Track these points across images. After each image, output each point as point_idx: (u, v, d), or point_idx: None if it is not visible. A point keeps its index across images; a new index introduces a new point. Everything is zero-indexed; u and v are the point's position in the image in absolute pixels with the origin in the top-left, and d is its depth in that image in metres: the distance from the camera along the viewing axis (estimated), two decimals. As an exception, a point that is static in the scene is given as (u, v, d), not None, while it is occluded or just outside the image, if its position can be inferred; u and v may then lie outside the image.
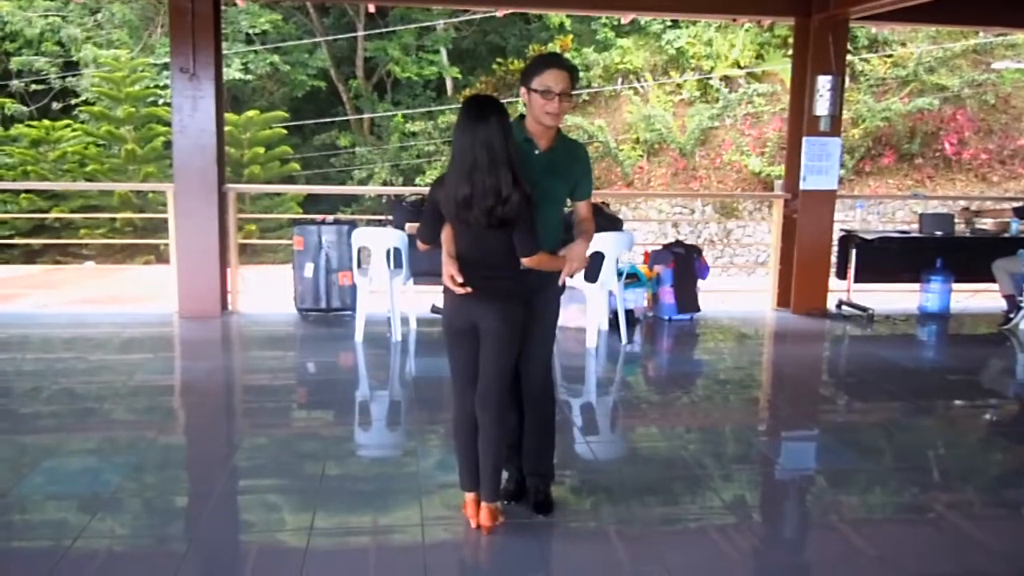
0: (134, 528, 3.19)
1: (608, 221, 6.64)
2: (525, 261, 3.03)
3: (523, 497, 3.41)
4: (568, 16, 21.33)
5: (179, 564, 2.89)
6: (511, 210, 2.89)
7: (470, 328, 3.05)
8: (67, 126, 19.59)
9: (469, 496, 3.17)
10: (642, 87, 20.65)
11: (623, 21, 20.26)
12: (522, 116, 3.27)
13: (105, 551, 2.97)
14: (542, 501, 3.37)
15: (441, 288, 3.14)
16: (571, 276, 3.24)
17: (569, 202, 3.41)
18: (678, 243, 7.58)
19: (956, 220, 8.22)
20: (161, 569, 2.86)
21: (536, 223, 3.01)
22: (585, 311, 6.47)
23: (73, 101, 21.82)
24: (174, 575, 2.81)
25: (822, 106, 7.25)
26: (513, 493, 3.40)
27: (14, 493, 3.40)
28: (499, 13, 17.16)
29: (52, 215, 17.07)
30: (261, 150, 19.58)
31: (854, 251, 7.78)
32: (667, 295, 7.24)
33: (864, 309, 7.65)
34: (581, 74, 20.80)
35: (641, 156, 19.46)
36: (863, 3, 6.86)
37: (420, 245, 3.23)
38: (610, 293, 6.60)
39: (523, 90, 3.22)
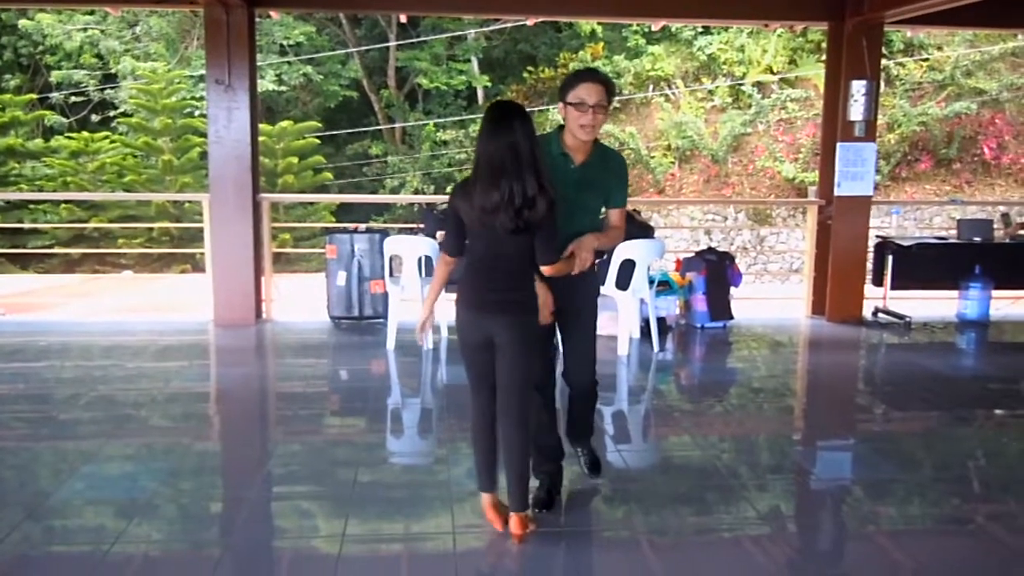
0: (170, 533, 3.22)
1: (639, 228, 6.62)
2: (544, 270, 3.06)
3: (553, 505, 3.42)
4: (599, 24, 21.32)
5: (214, 569, 2.92)
6: (537, 213, 2.89)
7: (485, 341, 3.04)
8: (105, 137, 19.95)
9: (486, 498, 3.18)
10: (673, 94, 20.57)
11: (654, 28, 20.23)
12: (561, 128, 3.30)
13: (142, 556, 3.00)
14: (595, 461, 3.72)
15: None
16: (583, 269, 3.23)
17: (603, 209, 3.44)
18: (710, 250, 7.53)
19: (995, 226, 8.08)
20: (197, 574, 2.88)
21: (558, 230, 3.03)
22: (616, 319, 6.45)
23: (111, 113, 22.23)
24: (209, 581, 2.84)
25: (856, 111, 7.18)
26: (545, 502, 3.40)
27: (54, 498, 3.46)
28: (529, 22, 17.23)
29: (91, 225, 17.36)
30: (295, 160, 19.78)
31: (891, 258, 7.68)
32: (699, 302, 7.19)
33: (901, 316, 7.54)
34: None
35: (672, 163, 19.38)
36: (898, 7, 6.78)
37: (446, 259, 3.16)
38: (641, 301, 6.56)
39: (560, 104, 3.27)
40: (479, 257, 3.02)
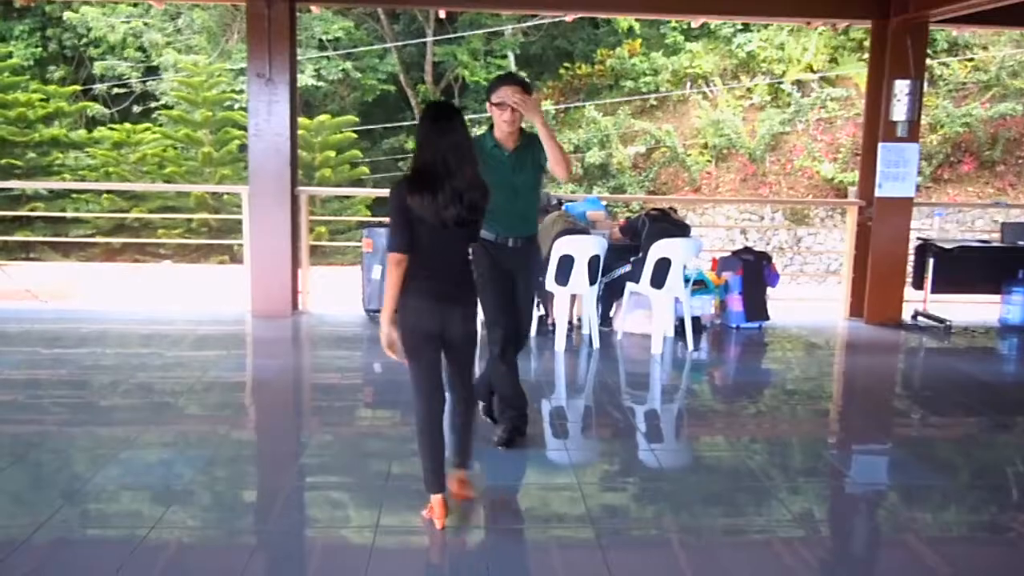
0: (205, 520, 3.27)
1: (675, 227, 6.58)
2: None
3: (514, 444, 4.06)
4: (637, 20, 21.19)
5: (249, 557, 2.96)
6: (481, 201, 3.17)
7: (439, 331, 3.21)
8: (147, 129, 20.22)
9: (436, 499, 3.23)
10: (711, 91, 20.40)
11: (694, 25, 20.07)
12: (492, 126, 3.96)
13: (177, 542, 3.05)
14: (521, 431, 4.14)
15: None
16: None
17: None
18: (747, 250, 7.47)
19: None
20: (231, 561, 2.93)
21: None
22: (651, 317, 6.42)
23: (153, 105, 22.53)
24: (243, 568, 2.88)
25: (899, 111, 7.07)
26: (506, 440, 4.05)
27: (92, 483, 3.53)
28: (568, 18, 17.18)
29: (132, 215, 17.62)
30: (332, 154, 19.91)
31: (932, 261, 7.55)
32: (735, 302, 7.13)
33: (941, 320, 7.42)
34: (649, 78, 20.70)
35: (709, 161, 19.22)
36: (944, 5, 6.66)
37: (399, 258, 3.11)
38: (676, 300, 6.52)
39: (488, 105, 3.94)
40: (431, 251, 3.15)
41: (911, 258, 7.74)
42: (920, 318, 7.62)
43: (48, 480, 3.59)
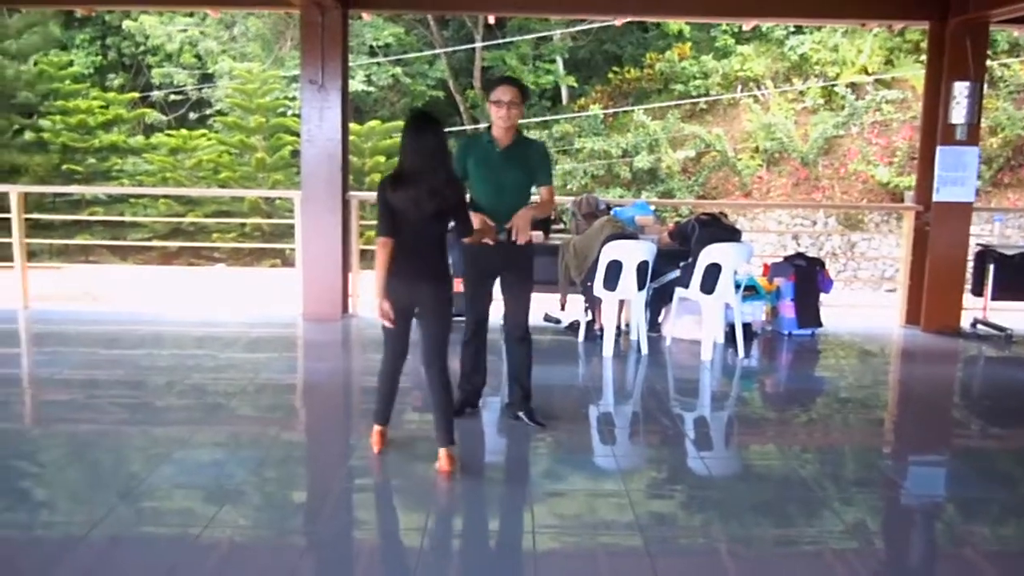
0: (256, 520, 3.32)
1: (726, 231, 6.50)
2: (465, 241, 3.99)
3: (464, 414, 4.45)
4: (687, 24, 21.03)
5: (299, 557, 2.99)
6: (450, 200, 3.69)
7: (410, 307, 3.77)
8: (202, 135, 20.66)
9: (377, 428, 3.97)
10: (762, 95, 20.15)
11: (745, 28, 19.85)
12: (490, 126, 4.28)
13: (229, 541, 3.10)
14: (534, 417, 4.43)
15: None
16: (517, 236, 4.16)
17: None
18: (799, 255, 7.34)
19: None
20: (281, 561, 2.97)
21: (468, 213, 3.91)
22: (700, 323, 6.36)
23: (208, 111, 23.01)
24: (294, 568, 2.91)
25: (958, 114, 6.91)
26: (456, 410, 4.21)
27: (147, 482, 3.60)
28: (617, 22, 17.11)
29: (187, 219, 18.01)
30: (382, 159, 20.10)
31: (992, 267, 7.35)
32: (787, 309, 7.02)
33: (1002, 329, 7.21)
34: (699, 82, 20.53)
35: (760, 165, 18.99)
36: (1005, 5, 6.49)
37: (384, 241, 3.66)
38: (727, 305, 6.45)
39: (488, 103, 4.26)
40: (408, 238, 3.68)
41: (970, 265, 7.54)
42: (979, 326, 7.42)
43: (104, 478, 3.68)
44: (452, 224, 3.86)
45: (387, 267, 3.65)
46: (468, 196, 4.19)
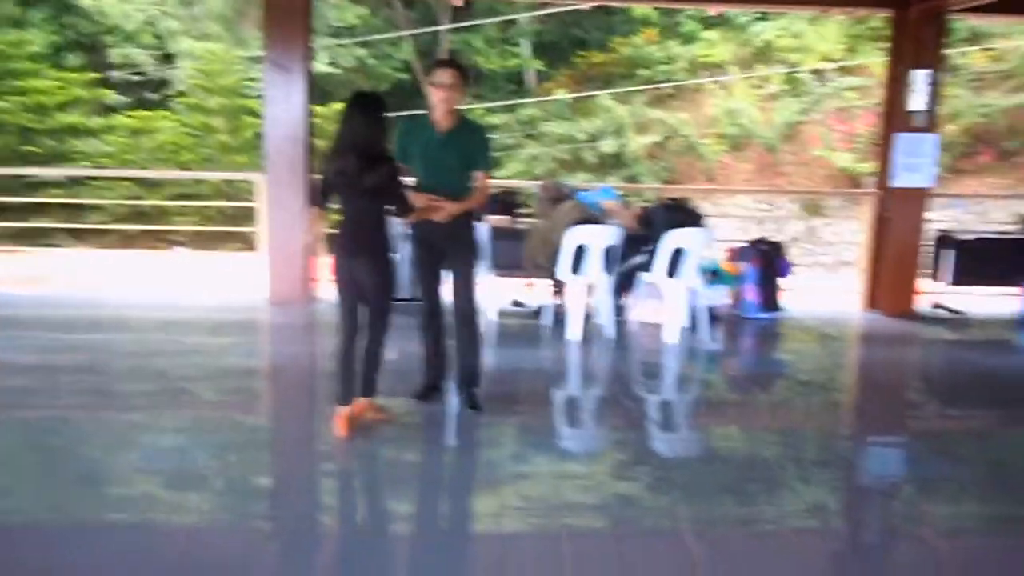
0: (219, 505, 3.30)
1: (689, 216, 6.54)
2: (407, 218, 4.10)
3: (430, 398, 4.48)
4: (654, 8, 21.06)
5: (263, 542, 2.98)
6: (374, 178, 3.77)
7: (353, 279, 3.94)
8: (163, 117, 20.30)
9: (343, 410, 3.93)
10: (727, 80, 20.27)
11: (711, 13, 19.93)
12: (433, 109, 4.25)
13: (191, 526, 3.08)
14: (474, 401, 4.38)
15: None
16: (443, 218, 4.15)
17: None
18: (762, 240, 7.42)
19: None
20: (244, 546, 2.95)
21: (403, 193, 3.95)
22: (664, 307, 6.41)
23: (169, 92, 22.61)
24: (257, 553, 2.90)
25: (917, 101, 7.01)
26: (420, 395, 4.48)
27: (108, 467, 3.56)
28: (583, 6, 17.09)
29: (147, 202, 17.71)
30: (347, 142, 19.97)
31: (952, 252, 7.48)
32: (750, 293, 7.10)
33: (958, 312, 7.37)
34: (664, 67, 20.58)
35: (724, 151, 19.11)
36: (965, -6, 6.58)
37: (311, 210, 3.89)
38: (692, 290, 6.49)
39: (428, 85, 4.26)
40: (346, 213, 3.89)
41: (930, 249, 7.67)
42: (937, 309, 7.56)
43: (64, 464, 3.63)
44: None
45: (316, 224, 3.93)
46: (413, 178, 4.24)
